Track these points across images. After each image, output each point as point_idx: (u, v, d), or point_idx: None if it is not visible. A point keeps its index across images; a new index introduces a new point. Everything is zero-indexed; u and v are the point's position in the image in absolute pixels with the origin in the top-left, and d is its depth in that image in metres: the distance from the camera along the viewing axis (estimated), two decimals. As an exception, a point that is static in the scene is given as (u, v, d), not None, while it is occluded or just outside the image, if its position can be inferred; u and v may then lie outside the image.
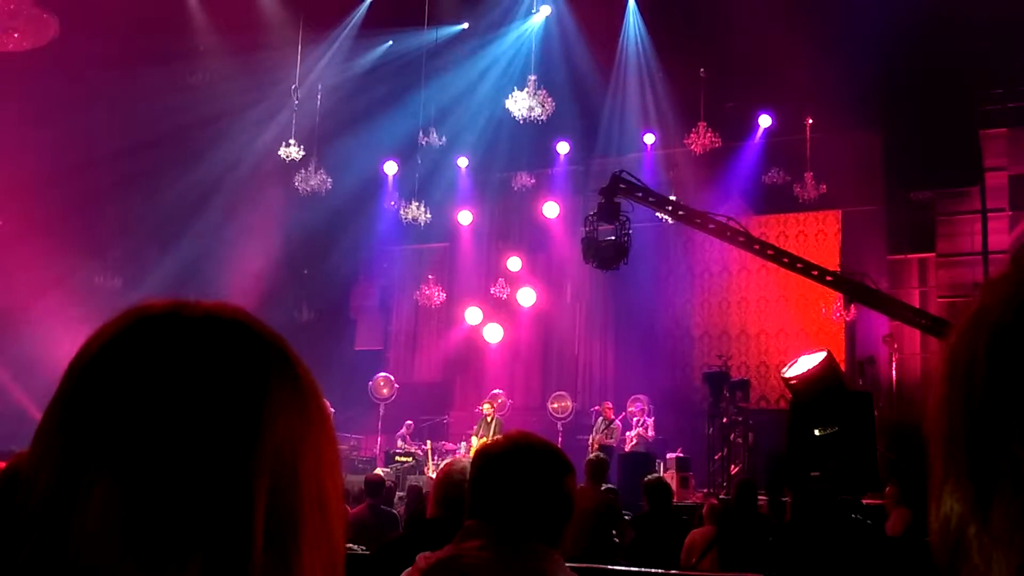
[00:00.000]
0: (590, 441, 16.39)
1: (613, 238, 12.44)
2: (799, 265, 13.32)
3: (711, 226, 13.24)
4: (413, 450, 17.74)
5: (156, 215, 19.06)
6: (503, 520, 2.31)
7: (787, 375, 13.66)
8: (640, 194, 12.74)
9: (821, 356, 13.05)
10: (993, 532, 0.75)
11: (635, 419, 17.18)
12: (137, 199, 18.56)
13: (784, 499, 9.54)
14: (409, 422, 18.69)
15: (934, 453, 0.81)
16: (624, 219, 12.50)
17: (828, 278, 13.92)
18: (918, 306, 18.40)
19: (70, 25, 14.56)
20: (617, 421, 16.80)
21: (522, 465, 2.36)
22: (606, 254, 12.58)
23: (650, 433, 16.92)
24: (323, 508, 0.88)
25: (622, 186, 12.49)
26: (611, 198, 12.34)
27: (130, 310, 0.89)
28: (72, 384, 0.86)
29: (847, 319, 18.00)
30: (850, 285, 14.63)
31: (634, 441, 16.73)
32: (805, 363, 13.32)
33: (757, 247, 13.61)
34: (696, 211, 13.70)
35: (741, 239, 13.13)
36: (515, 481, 2.35)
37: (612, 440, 16.35)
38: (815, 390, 13.06)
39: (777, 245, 19.25)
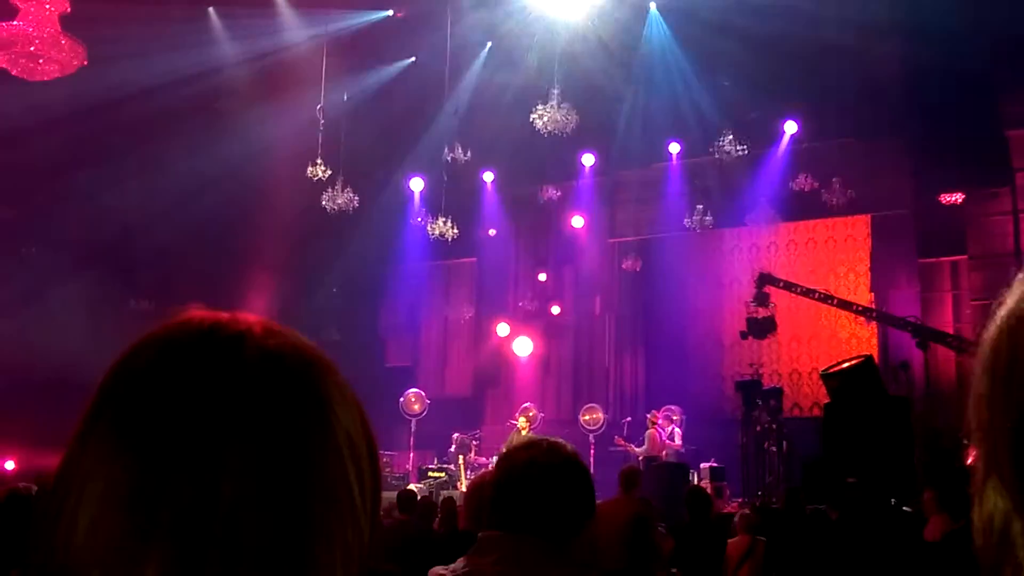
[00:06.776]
0: (637, 453, 16.29)
1: (767, 315, 16.76)
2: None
3: (834, 301, 17.17)
4: (447, 465, 17.70)
5: (184, 237, 19.21)
6: (521, 527, 2.26)
7: (826, 373, 13.80)
8: (781, 284, 17.20)
9: (862, 358, 13.20)
10: None
11: (666, 429, 17.05)
12: (165, 222, 18.70)
13: (823, 508, 9.46)
14: (455, 435, 18.56)
15: (975, 449, 0.79)
16: (772, 304, 16.91)
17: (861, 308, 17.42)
18: (951, 309, 18.34)
19: (96, 53, 14.67)
20: (653, 430, 16.61)
21: (542, 467, 2.30)
22: (764, 327, 16.82)
23: (677, 442, 16.78)
24: (347, 524, 0.83)
25: (770, 281, 17.22)
26: (761, 288, 16.93)
27: (174, 323, 0.85)
28: (112, 384, 0.81)
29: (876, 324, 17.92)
30: (882, 315, 17.41)
31: (665, 452, 16.61)
32: (846, 364, 13.65)
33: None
34: (827, 293, 17.44)
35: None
36: (534, 484, 2.27)
37: (644, 449, 16.23)
38: (852, 391, 13.05)
39: (806, 251, 19.35)
